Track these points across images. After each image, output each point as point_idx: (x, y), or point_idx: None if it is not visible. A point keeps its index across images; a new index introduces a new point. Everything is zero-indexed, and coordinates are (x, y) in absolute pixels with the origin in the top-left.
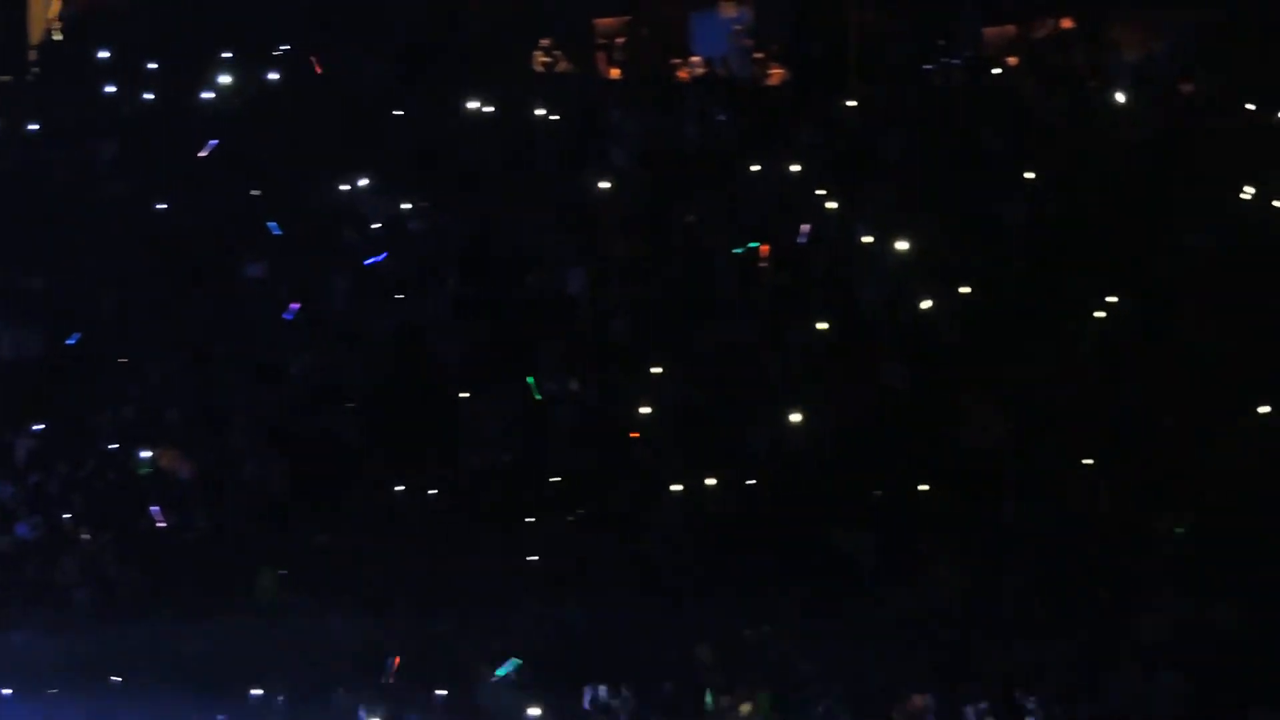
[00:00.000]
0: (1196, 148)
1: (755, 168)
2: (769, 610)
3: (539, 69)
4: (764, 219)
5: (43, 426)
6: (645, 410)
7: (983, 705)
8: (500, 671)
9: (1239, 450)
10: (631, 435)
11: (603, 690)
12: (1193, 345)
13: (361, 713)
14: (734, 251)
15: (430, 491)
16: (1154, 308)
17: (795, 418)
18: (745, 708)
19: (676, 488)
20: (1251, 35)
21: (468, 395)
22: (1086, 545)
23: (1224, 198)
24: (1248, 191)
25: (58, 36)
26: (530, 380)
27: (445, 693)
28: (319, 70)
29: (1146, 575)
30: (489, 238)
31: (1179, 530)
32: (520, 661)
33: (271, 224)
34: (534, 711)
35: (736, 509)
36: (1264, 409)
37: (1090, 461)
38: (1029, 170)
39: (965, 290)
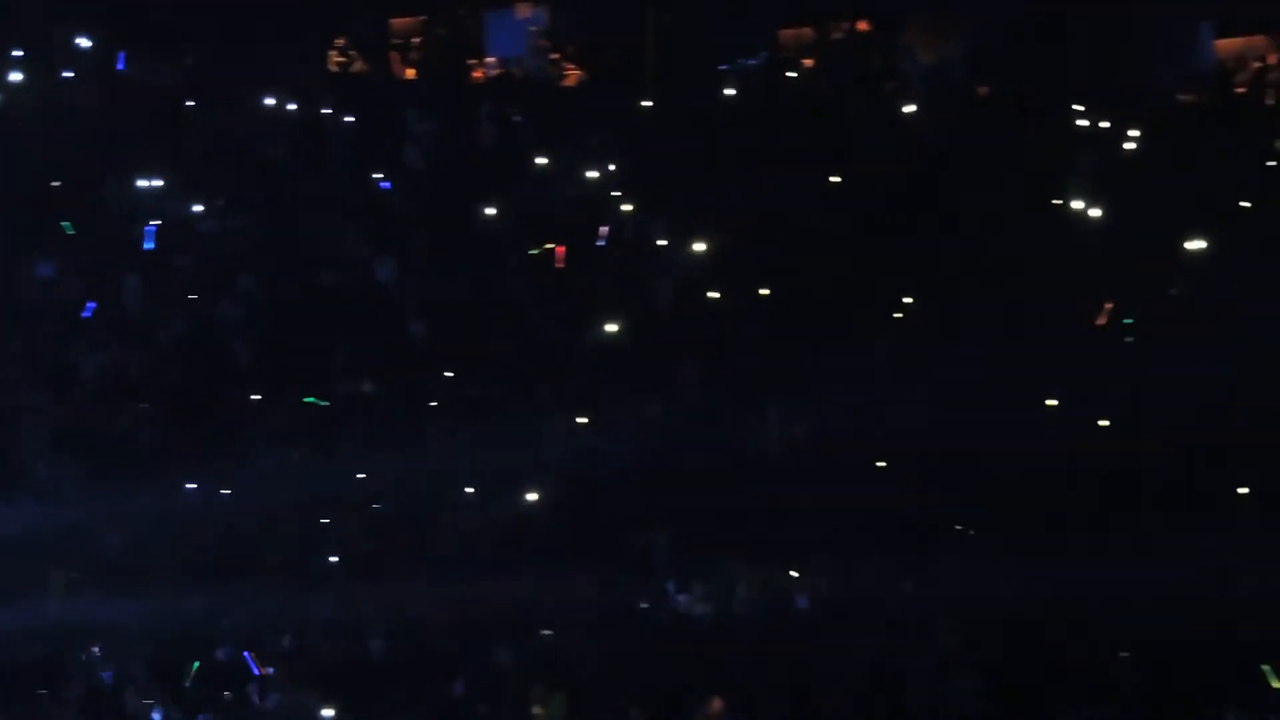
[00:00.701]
0: (992, 150)
1: (551, 169)
2: (565, 611)
3: (334, 69)
4: (561, 220)
5: None
6: (440, 411)
7: (780, 708)
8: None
9: (1029, 447)
10: (428, 436)
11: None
12: (985, 345)
13: (156, 715)
14: (530, 252)
15: (223, 491)
16: (949, 308)
17: (591, 419)
18: (538, 710)
19: (470, 490)
20: (1045, 39)
21: (259, 396)
22: (883, 545)
23: (1019, 199)
24: (1042, 193)
25: None
26: (309, 399)
27: (233, 695)
28: (118, 68)
29: (943, 574)
30: (284, 238)
31: (969, 530)
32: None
33: (65, 223)
34: (327, 712)
35: (533, 509)
36: (1051, 401)
37: (884, 464)
38: (825, 172)
39: (763, 292)
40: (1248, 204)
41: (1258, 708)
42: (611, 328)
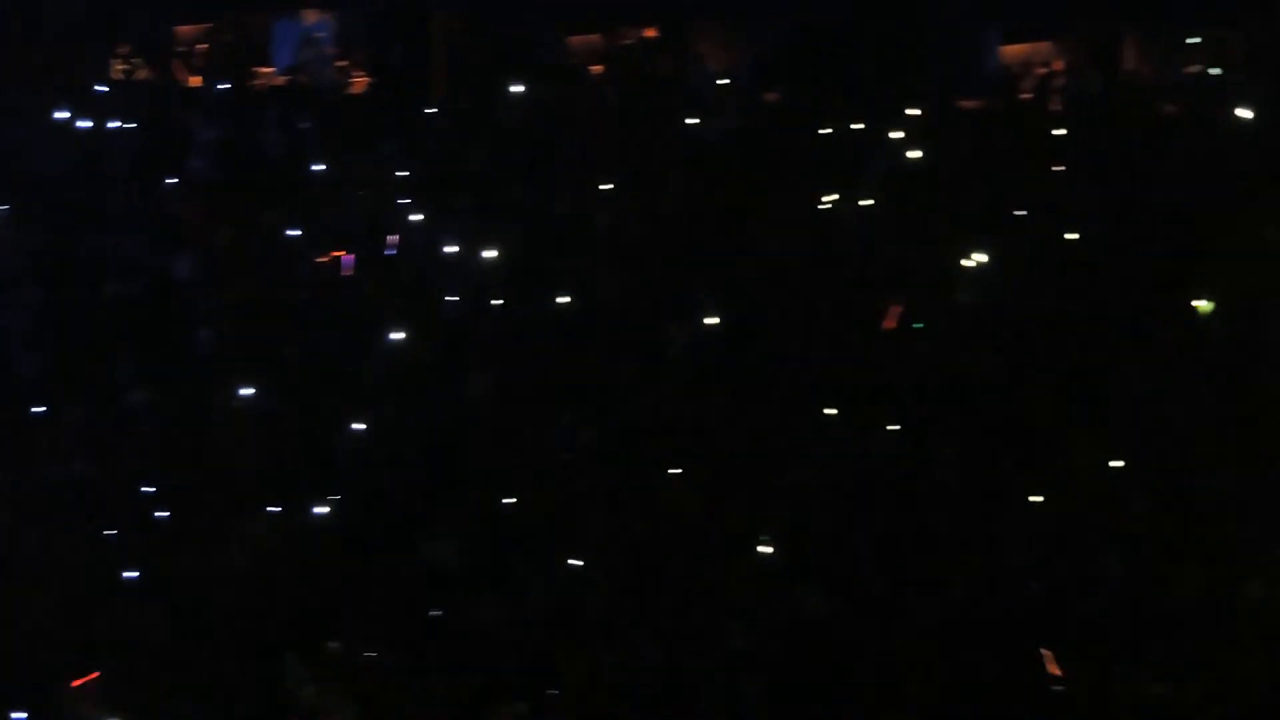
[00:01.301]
0: (780, 157)
1: (338, 176)
2: (356, 620)
3: (117, 75)
4: (349, 228)
5: None
6: (231, 421)
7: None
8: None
9: (821, 455)
10: (216, 446)
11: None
12: (776, 352)
13: None
14: (316, 261)
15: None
16: (739, 315)
17: (380, 426)
18: None
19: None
20: (833, 45)
21: (43, 409)
22: (676, 553)
23: (806, 206)
24: (829, 200)
25: None
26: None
27: (25, 715)
28: None
29: (735, 581)
30: (67, 246)
31: (764, 538)
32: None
33: None
34: None
35: (323, 519)
36: (830, 411)
37: (679, 470)
38: (613, 178)
39: (552, 299)
40: (1030, 209)
41: (1046, 709)
42: (399, 336)
